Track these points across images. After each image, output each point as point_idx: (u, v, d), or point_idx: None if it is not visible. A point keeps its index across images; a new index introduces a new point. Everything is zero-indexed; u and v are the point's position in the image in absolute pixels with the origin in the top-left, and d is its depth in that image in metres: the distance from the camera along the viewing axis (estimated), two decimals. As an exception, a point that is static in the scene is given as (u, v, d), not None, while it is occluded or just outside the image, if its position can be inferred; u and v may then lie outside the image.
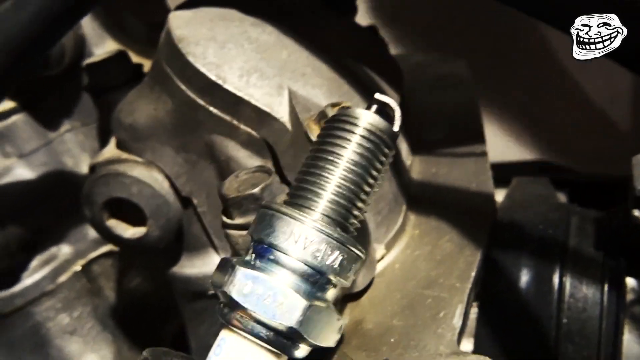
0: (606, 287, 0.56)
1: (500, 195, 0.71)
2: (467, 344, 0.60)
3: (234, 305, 0.38)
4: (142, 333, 0.80)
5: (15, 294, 0.71)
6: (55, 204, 0.73)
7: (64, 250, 0.74)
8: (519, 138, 1.68)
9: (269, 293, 0.37)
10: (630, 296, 0.57)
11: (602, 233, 0.61)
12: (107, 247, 0.77)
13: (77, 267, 0.75)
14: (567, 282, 0.58)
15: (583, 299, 0.57)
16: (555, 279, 0.58)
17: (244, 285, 0.38)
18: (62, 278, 0.73)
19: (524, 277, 0.59)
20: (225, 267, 0.40)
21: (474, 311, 0.60)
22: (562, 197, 0.76)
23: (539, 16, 0.50)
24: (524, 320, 0.58)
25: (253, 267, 0.39)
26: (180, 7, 0.58)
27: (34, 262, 0.72)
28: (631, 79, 1.47)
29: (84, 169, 0.75)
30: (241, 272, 0.38)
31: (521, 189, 0.71)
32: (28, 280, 0.72)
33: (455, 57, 0.98)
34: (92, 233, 0.76)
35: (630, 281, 0.57)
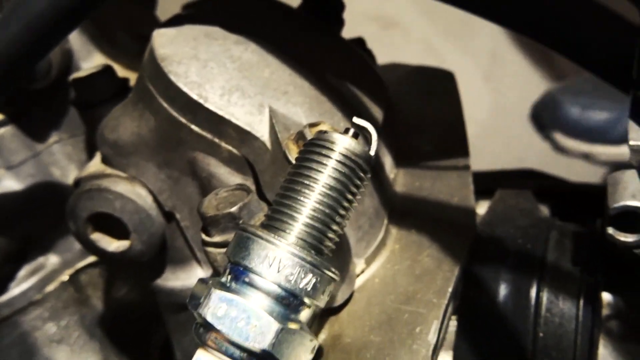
0: (582, 303, 0.57)
1: (483, 207, 0.72)
2: (447, 357, 0.60)
3: (209, 327, 0.39)
4: (129, 342, 0.80)
5: (3, 303, 0.71)
6: (43, 215, 0.74)
7: (52, 260, 0.75)
8: (517, 141, 1.69)
9: (243, 316, 0.39)
10: (605, 311, 0.58)
11: (580, 248, 0.62)
12: (94, 257, 0.77)
13: (65, 277, 0.75)
14: (544, 297, 0.59)
15: (559, 314, 0.58)
16: (533, 294, 0.59)
17: (219, 308, 0.39)
18: (50, 287, 0.74)
19: (503, 291, 0.60)
20: (202, 288, 0.41)
21: (453, 324, 0.61)
22: (544, 210, 0.77)
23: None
24: (502, 334, 0.59)
25: (228, 290, 0.40)
26: (164, 25, 0.59)
27: (22, 272, 0.73)
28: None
29: (71, 180, 0.75)
30: (216, 294, 0.39)
31: (503, 202, 0.72)
32: (15, 289, 0.72)
33: (443, 68, 0.99)
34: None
35: (606, 296, 0.58)
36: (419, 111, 0.85)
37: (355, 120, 0.44)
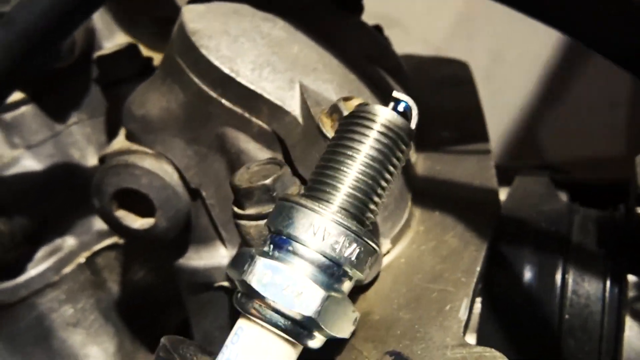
0: (608, 284, 0.57)
1: (502, 195, 0.72)
2: (471, 339, 0.60)
3: (253, 295, 0.39)
4: (145, 326, 0.80)
5: (20, 284, 0.71)
6: (61, 196, 0.74)
7: (69, 242, 0.75)
8: (518, 141, 1.69)
9: (288, 283, 0.38)
10: (631, 293, 0.58)
11: (604, 231, 0.62)
12: (111, 240, 0.77)
13: (81, 259, 0.75)
14: (570, 278, 0.58)
15: (585, 295, 0.58)
16: (558, 276, 0.59)
17: (264, 275, 0.38)
18: (67, 270, 0.74)
19: (527, 274, 0.60)
20: (244, 257, 0.40)
21: (477, 306, 0.60)
22: (563, 197, 0.77)
23: (540, 17, 0.50)
24: (526, 315, 0.59)
25: (272, 258, 0.39)
26: (193, 1, 0.59)
27: (39, 254, 0.73)
28: (630, 85, 1.49)
29: (90, 161, 0.75)
30: (261, 262, 0.39)
31: (524, 187, 0.72)
32: (33, 271, 0.72)
33: (457, 59, 0.99)
34: (96, 225, 0.76)
35: (631, 278, 0.58)
36: (436, 99, 0.85)
37: (395, 94, 0.44)
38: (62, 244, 0.74)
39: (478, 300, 0.60)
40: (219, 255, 0.61)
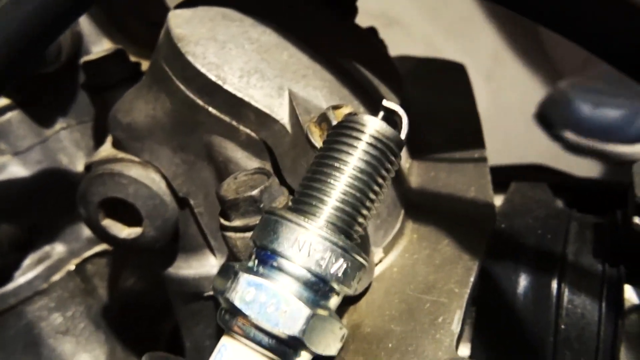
0: (605, 294, 0.56)
1: (498, 201, 0.71)
2: (464, 349, 0.59)
3: (236, 312, 0.38)
4: (136, 333, 0.79)
5: (8, 292, 0.70)
6: (50, 202, 0.73)
7: (58, 249, 0.74)
8: (517, 142, 1.68)
9: (272, 301, 0.37)
10: (627, 304, 0.57)
11: (601, 240, 0.61)
12: (101, 247, 0.76)
13: (71, 267, 0.74)
14: (566, 288, 0.57)
15: (581, 305, 0.57)
16: (554, 285, 0.58)
17: (247, 293, 0.38)
18: (56, 277, 0.73)
19: (523, 282, 0.59)
20: (228, 273, 0.39)
21: (470, 316, 0.59)
22: (559, 203, 0.76)
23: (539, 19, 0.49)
24: (521, 326, 0.58)
25: (256, 274, 0.38)
26: (179, 6, 0.57)
27: (27, 261, 0.72)
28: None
29: (79, 167, 0.74)
30: (244, 278, 0.38)
31: (520, 194, 0.70)
32: (21, 279, 0.71)
33: (453, 60, 0.98)
34: (86, 232, 0.75)
35: (628, 289, 0.57)
36: (431, 103, 0.84)
37: (385, 103, 0.43)
38: (51, 251, 0.73)
39: (472, 310, 0.59)
40: (208, 264, 0.60)
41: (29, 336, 0.72)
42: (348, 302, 0.54)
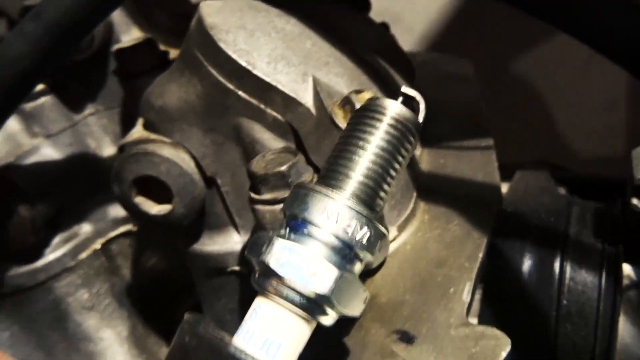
0: (604, 272, 0.60)
1: (504, 188, 0.74)
2: (473, 321, 0.63)
3: (271, 274, 0.42)
4: (156, 311, 0.83)
5: (38, 268, 0.73)
6: (78, 184, 0.76)
7: (85, 228, 0.77)
8: (518, 140, 1.71)
9: (304, 263, 0.41)
10: (626, 281, 0.60)
11: (601, 222, 0.64)
12: (125, 227, 0.79)
13: (97, 246, 0.77)
14: (568, 266, 0.61)
15: (582, 282, 0.60)
16: (557, 264, 0.61)
17: (281, 256, 0.41)
18: (83, 255, 0.76)
19: (527, 262, 0.62)
20: (262, 240, 0.43)
21: (478, 292, 0.63)
22: (562, 191, 0.80)
23: (541, 16, 0.52)
24: (526, 301, 0.62)
25: (289, 239, 0.42)
26: (209, -3, 0.61)
27: (56, 239, 0.75)
28: (628, 84, 1.51)
29: (105, 151, 0.78)
30: (279, 243, 0.42)
31: (524, 181, 0.74)
32: (50, 256, 0.74)
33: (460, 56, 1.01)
34: (111, 213, 0.79)
35: (626, 267, 0.61)
36: (439, 96, 0.87)
37: (404, 89, 0.47)
38: (78, 230, 0.77)
39: (479, 286, 0.63)
40: (232, 241, 0.63)
41: (57, 311, 0.76)
42: (365, 275, 0.58)
